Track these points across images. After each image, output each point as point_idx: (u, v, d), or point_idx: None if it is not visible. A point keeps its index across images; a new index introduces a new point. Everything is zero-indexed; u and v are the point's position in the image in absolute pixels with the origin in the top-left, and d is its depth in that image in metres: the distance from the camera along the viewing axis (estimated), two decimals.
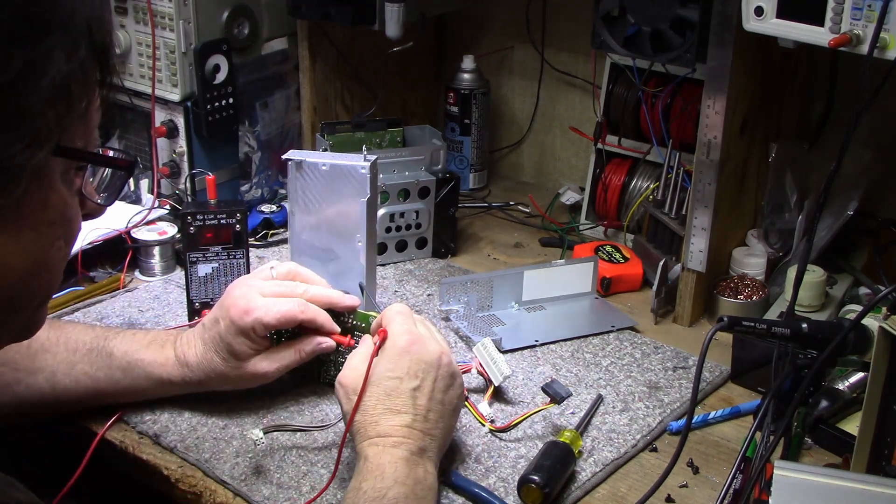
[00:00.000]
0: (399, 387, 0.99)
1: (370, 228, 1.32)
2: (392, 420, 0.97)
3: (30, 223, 0.71)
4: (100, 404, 1.15)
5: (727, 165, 1.36)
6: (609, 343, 1.36)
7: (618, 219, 1.66)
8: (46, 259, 0.74)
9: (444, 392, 1.02)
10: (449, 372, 1.03)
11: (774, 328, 0.97)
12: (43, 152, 0.68)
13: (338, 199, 1.31)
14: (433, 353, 1.02)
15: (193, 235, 1.30)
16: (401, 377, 1.00)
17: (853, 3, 1.11)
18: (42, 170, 0.69)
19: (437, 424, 1.00)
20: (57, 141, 0.69)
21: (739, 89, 1.32)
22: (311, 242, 1.34)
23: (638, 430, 1.16)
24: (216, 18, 1.60)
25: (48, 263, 0.75)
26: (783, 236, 1.48)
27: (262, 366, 1.13)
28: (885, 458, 0.96)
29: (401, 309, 1.07)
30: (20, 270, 0.72)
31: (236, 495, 1.05)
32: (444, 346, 1.05)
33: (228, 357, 1.12)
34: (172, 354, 1.14)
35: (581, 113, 1.83)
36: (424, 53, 1.91)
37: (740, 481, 0.98)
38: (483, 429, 1.15)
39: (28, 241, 0.71)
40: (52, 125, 0.68)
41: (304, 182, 1.32)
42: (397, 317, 1.06)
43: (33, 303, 0.78)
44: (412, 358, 1.01)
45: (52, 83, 0.66)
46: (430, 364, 1.02)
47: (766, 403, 0.99)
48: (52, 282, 0.78)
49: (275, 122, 1.71)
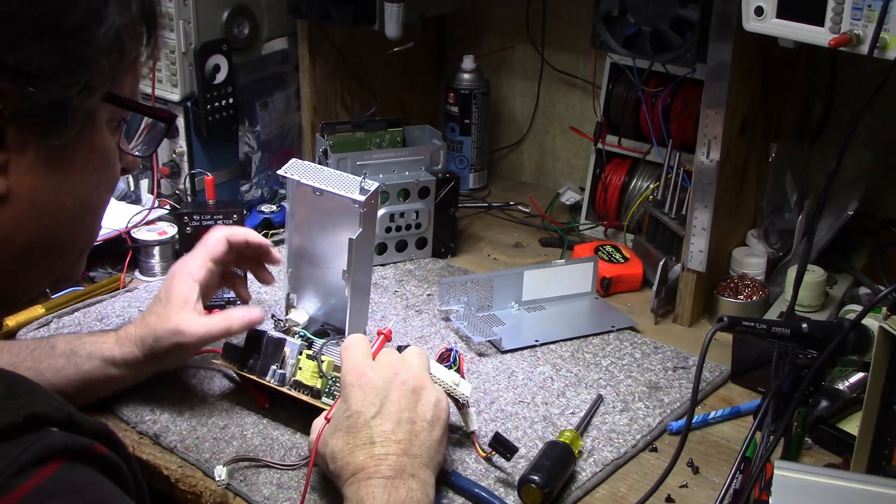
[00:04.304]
0: (357, 421, 0.98)
1: (361, 266, 1.19)
2: (360, 455, 0.96)
3: (79, 165, 0.75)
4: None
5: (727, 165, 1.36)
6: (609, 343, 1.36)
7: (618, 219, 1.66)
8: (92, 203, 0.79)
9: (412, 409, 1.00)
10: (410, 388, 1.01)
11: (774, 328, 0.97)
12: (96, 98, 0.73)
13: (331, 224, 1.20)
14: (384, 376, 1.01)
15: (190, 236, 1.30)
16: (357, 411, 0.99)
17: (853, 3, 1.11)
18: (93, 115, 0.74)
19: (411, 442, 0.98)
20: (108, 89, 0.74)
21: (739, 89, 1.32)
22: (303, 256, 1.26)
23: (638, 430, 1.16)
24: (216, 18, 1.60)
25: (93, 207, 0.80)
26: (783, 236, 1.48)
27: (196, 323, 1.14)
28: (885, 458, 0.96)
29: (349, 343, 1.07)
30: (70, 211, 0.76)
31: (236, 495, 1.05)
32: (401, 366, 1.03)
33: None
34: (114, 334, 1.16)
35: (581, 113, 1.83)
36: (424, 53, 1.91)
37: (740, 481, 0.98)
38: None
39: (77, 182, 0.76)
40: (105, 72, 0.72)
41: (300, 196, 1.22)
42: (345, 353, 1.05)
43: (77, 247, 0.82)
44: (363, 388, 1.00)
45: (108, 33, 0.72)
46: (383, 387, 1.00)
47: (766, 403, 0.99)
48: (95, 228, 0.83)
49: (275, 122, 1.71)
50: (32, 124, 0.70)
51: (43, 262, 0.79)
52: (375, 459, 0.95)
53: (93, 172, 0.77)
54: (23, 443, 0.61)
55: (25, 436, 0.62)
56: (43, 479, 0.61)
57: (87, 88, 0.71)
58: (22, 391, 0.66)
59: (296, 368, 1.13)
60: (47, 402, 0.65)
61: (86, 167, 0.76)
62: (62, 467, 0.62)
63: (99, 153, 0.77)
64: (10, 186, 0.71)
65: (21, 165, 0.71)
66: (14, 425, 0.62)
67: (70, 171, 0.74)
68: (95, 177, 0.78)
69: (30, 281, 0.80)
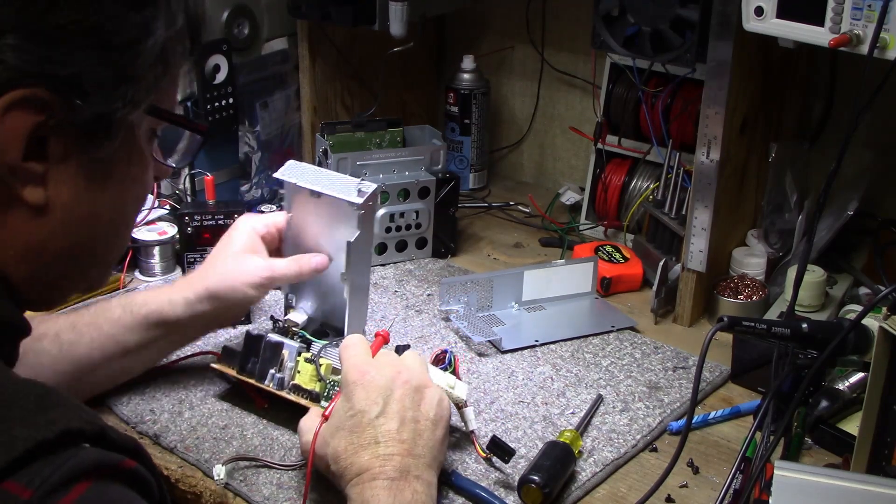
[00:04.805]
0: (361, 420, 0.97)
1: (359, 267, 1.19)
2: (364, 455, 0.95)
3: (118, 177, 0.76)
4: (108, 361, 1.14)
5: (727, 165, 1.36)
6: (609, 343, 1.36)
7: (618, 219, 1.66)
8: (126, 214, 0.81)
9: (415, 408, 0.99)
10: (413, 387, 1.00)
11: (774, 328, 0.97)
12: (139, 110, 0.74)
13: (328, 226, 1.19)
14: (387, 375, 1.00)
15: (191, 236, 1.30)
16: (361, 410, 0.98)
17: (853, 3, 1.11)
18: (133, 128, 0.75)
19: (415, 442, 0.97)
20: (151, 101, 0.75)
21: (739, 89, 1.32)
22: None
23: (638, 430, 1.16)
24: (216, 18, 1.60)
25: (127, 218, 0.82)
26: (783, 236, 1.48)
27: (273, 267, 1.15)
28: (885, 458, 0.96)
29: (349, 342, 1.06)
30: (105, 222, 0.77)
31: (236, 495, 1.05)
32: (402, 365, 1.03)
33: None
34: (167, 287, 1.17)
35: (581, 113, 1.83)
36: (424, 53, 1.91)
37: (740, 481, 0.98)
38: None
39: (114, 194, 0.76)
40: (150, 85, 0.73)
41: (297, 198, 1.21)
42: (345, 352, 1.04)
43: (108, 257, 0.83)
44: (366, 387, 0.99)
45: (155, 46, 0.72)
46: (387, 386, 0.99)
47: (766, 403, 0.99)
48: (126, 239, 0.85)
49: (275, 122, 1.71)
50: (75, 136, 0.70)
51: (76, 271, 0.79)
52: (380, 460, 0.95)
53: (130, 184, 0.78)
54: (55, 461, 0.60)
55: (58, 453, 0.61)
56: (75, 497, 0.60)
57: (131, 102, 0.72)
58: (51, 403, 0.64)
59: (294, 372, 1.13)
60: (78, 416, 0.64)
61: (123, 179, 0.77)
62: (94, 485, 0.61)
63: (136, 165, 0.78)
64: (49, 197, 0.71)
65: (60, 176, 0.71)
66: (46, 442, 0.61)
67: (108, 182, 0.75)
68: (131, 188, 0.79)
69: (62, 288, 0.81)
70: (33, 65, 0.66)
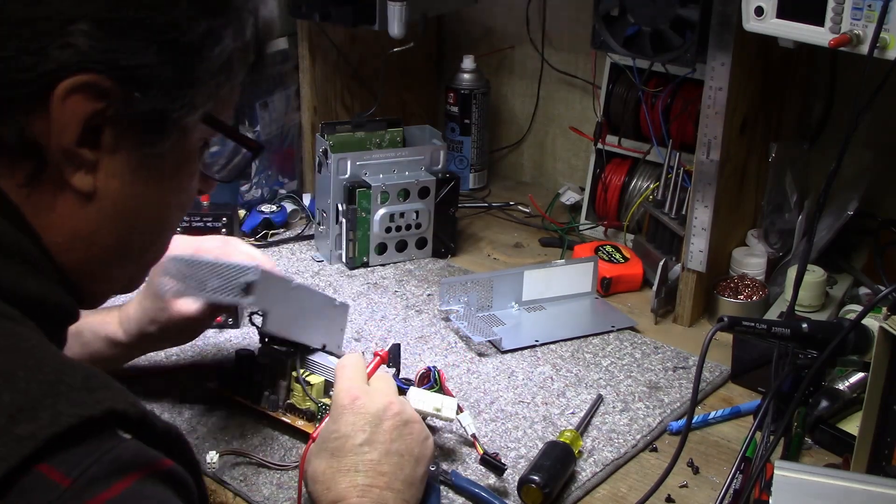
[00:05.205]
0: (344, 445, 0.95)
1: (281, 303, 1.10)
2: (342, 482, 0.93)
3: (165, 178, 0.77)
4: None
5: (727, 165, 1.36)
6: (609, 343, 1.36)
7: (618, 219, 1.66)
8: (169, 219, 0.81)
9: (401, 442, 0.97)
10: (401, 421, 0.98)
11: (774, 328, 0.97)
12: (195, 116, 0.74)
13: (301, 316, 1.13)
14: (379, 404, 0.98)
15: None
16: (346, 434, 0.95)
17: (853, 3, 1.11)
18: (187, 133, 0.75)
19: (395, 476, 0.94)
20: (208, 109, 0.75)
21: (739, 89, 1.32)
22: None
23: (638, 430, 1.16)
24: None
25: (169, 223, 0.82)
26: (783, 236, 1.48)
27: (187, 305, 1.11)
28: (885, 458, 0.96)
29: (345, 362, 1.04)
30: (147, 221, 0.78)
31: (236, 495, 1.05)
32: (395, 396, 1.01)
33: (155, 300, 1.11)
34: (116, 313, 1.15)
35: (581, 113, 1.83)
36: (424, 53, 1.91)
37: (740, 481, 0.98)
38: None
39: (159, 195, 0.77)
40: (210, 92, 0.74)
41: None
42: (340, 372, 1.02)
43: (147, 257, 0.84)
44: (356, 412, 0.97)
45: (221, 55, 0.73)
46: (376, 416, 0.97)
47: (766, 403, 0.99)
48: (165, 244, 0.85)
49: (275, 122, 1.71)
50: (130, 129, 0.71)
51: (117, 268, 0.80)
52: (358, 490, 0.91)
53: (175, 188, 0.78)
54: (94, 451, 0.60)
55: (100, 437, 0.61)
56: (116, 493, 0.60)
57: (190, 105, 0.72)
58: (99, 384, 0.64)
59: (287, 391, 1.12)
60: (124, 398, 0.64)
61: (170, 181, 0.77)
62: (134, 484, 0.61)
63: (183, 171, 0.78)
64: (97, 185, 0.71)
65: (110, 167, 0.72)
66: (91, 419, 0.61)
67: (155, 181, 0.75)
68: (177, 194, 0.79)
69: (104, 285, 0.82)
70: (101, 53, 0.67)
